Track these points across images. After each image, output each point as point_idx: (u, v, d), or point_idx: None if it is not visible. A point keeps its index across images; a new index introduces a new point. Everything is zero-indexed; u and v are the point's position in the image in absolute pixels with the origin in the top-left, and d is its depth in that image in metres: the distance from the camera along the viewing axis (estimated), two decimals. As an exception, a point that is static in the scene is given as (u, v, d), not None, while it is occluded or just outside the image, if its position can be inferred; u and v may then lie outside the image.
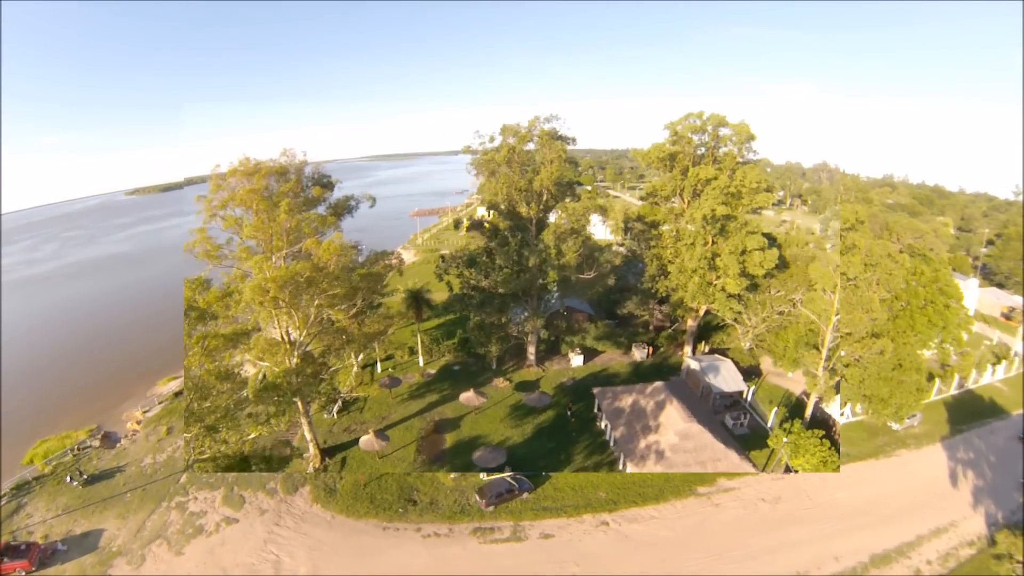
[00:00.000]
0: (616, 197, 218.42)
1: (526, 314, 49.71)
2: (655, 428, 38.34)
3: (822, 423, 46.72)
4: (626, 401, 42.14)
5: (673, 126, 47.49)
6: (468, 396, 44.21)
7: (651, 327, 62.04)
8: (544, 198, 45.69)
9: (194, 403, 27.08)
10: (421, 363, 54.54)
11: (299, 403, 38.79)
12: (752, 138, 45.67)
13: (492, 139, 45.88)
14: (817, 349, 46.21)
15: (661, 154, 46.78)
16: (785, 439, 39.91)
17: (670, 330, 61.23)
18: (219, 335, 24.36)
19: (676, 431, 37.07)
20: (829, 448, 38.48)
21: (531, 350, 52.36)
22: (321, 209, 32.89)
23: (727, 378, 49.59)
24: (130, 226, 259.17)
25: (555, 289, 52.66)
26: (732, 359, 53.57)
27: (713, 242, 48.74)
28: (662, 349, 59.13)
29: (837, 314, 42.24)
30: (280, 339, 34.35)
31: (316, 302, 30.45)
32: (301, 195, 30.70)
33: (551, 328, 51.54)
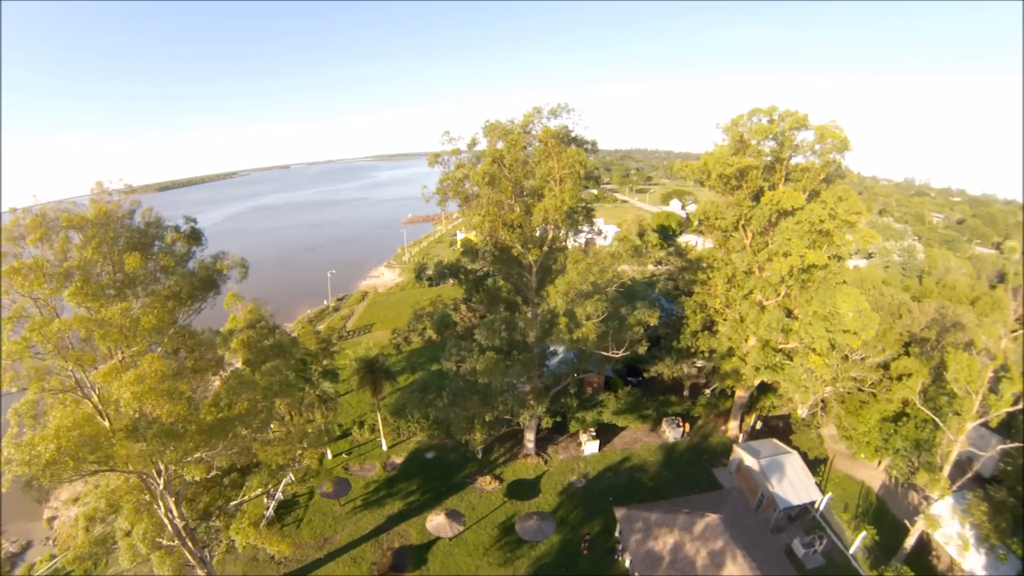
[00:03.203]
0: (624, 202, 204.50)
1: (524, 387, 36.15)
2: (716, 604, 25.06)
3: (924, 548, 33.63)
4: (664, 541, 28.73)
5: (735, 127, 33.32)
6: (438, 523, 30.80)
7: (684, 388, 48.58)
8: (550, 236, 32.04)
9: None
10: (384, 446, 41.24)
11: (186, 553, 25.90)
12: (846, 147, 31.81)
13: (473, 143, 30.66)
14: (932, 455, 32.93)
15: (727, 169, 31.77)
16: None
17: (708, 394, 47.84)
18: None
19: (752, 617, 23.78)
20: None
21: (529, 436, 38.88)
22: (175, 279, 19.49)
23: (794, 482, 36.15)
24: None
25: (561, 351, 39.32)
26: (797, 447, 40.08)
27: (786, 293, 35.15)
28: (700, 422, 45.69)
29: (978, 419, 28.83)
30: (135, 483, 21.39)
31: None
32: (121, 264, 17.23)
33: (556, 405, 38.13)
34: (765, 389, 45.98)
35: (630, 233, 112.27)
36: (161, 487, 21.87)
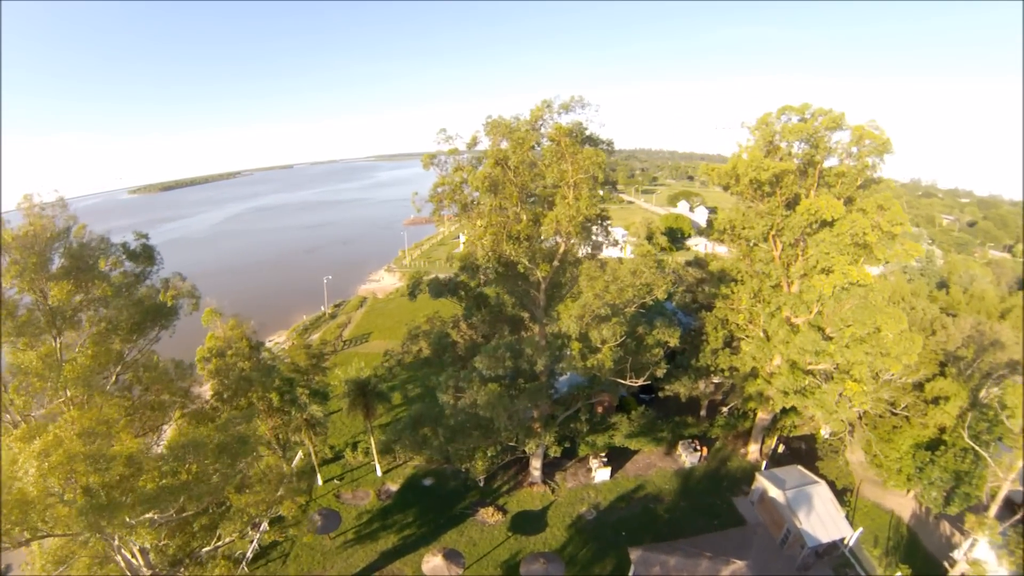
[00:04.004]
0: (630, 203, 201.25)
1: (530, 413, 33.14)
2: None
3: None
4: (689, 589, 25.84)
5: (764, 127, 30.16)
6: (435, 565, 27.89)
7: (702, 407, 45.53)
8: (561, 249, 28.97)
9: None
10: (378, 471, 38.34)
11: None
12: (887, 150, 28.70)
13: (473, 142, 27.13)
14: (971, 487, 30.03)
15: (762, 174, 28.20)
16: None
17: (726, 412, 44.82)
18: None
19: None
20: None
21: (535, 463, 35.91)
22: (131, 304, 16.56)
23: (823, 517, 33.07)
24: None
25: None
26: (824, 476, 37.06)
27: (818, 311, 32.13)
28: (717, 444, 42.69)
29: (1041, 454, 25.82)
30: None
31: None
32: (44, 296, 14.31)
33: (564, 429, 35.16)
34: (786, 408, 43.02)
35: (641, 236, 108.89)
36: (116, 541, 19.07)
